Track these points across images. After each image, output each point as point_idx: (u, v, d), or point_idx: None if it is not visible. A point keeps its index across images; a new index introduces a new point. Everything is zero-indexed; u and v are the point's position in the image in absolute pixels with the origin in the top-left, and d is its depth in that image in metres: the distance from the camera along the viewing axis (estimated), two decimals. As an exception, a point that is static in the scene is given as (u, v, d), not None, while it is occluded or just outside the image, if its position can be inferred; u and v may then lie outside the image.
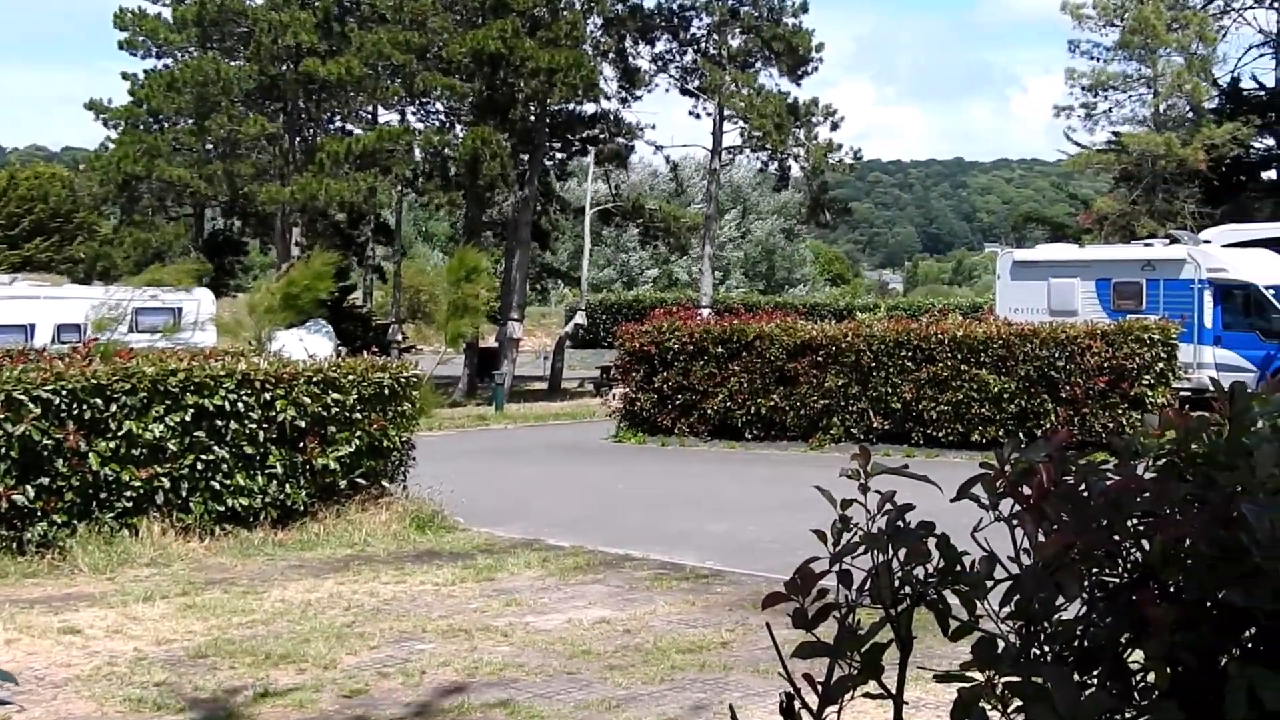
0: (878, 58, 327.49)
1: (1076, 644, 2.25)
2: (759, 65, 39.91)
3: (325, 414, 12.42)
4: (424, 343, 44.24)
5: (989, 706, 2.26)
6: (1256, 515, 1.98)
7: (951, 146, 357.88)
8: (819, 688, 2.43)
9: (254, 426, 11.94)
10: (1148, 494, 2.19)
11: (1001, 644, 2.29)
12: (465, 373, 37.19)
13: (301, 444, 12.29)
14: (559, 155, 41.28)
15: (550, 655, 7.93)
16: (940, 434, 19.68)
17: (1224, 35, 43.57)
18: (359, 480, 12.77)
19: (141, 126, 37.57)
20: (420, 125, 37.97)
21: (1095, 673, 2.21)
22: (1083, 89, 42.64)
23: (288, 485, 12.23)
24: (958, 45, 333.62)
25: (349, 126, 38.65)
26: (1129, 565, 2.22)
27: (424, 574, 10.58)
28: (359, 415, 12.69)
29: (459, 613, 9.16)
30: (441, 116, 38.68)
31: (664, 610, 9.20)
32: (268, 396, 12.05)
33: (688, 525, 13.43)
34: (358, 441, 12.64)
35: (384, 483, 13.12)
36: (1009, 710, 2.25)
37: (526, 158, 36.96)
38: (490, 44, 32.03)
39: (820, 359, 20.70)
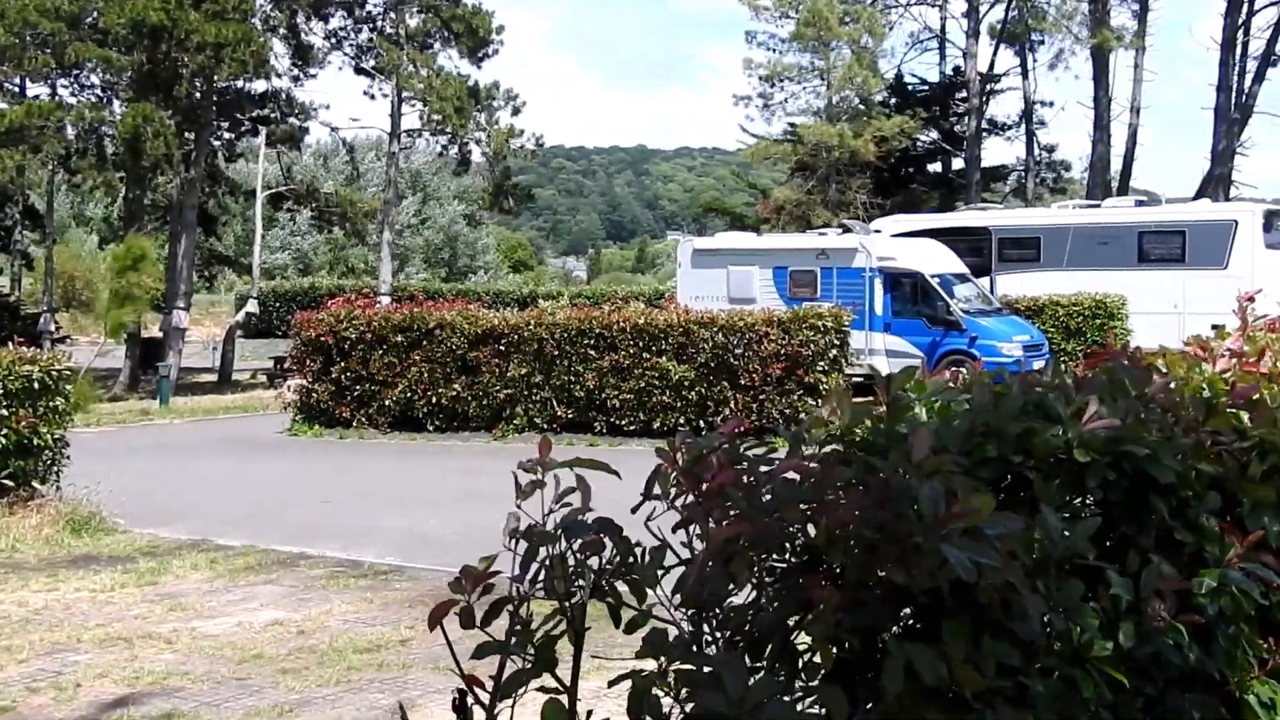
0: (572, 42, 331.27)
1: (747, 629, 2.27)
2: (438, 46, 39.49)
3: (-36, 411, 11.50)
4: (81, 333, 41.55)
5: (663, 694, 2.25)
6: (928, 497, 2.04)
7: (637, 134, 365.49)
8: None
9: (-122, 426, 10.92)
10: (813, 479, 2.23)
11: (674, 632, 2.29)
12: (127, 365, 35.21)
13: (-64, 444, 11.34)
14: (228, 135, 39.58)
15: (218, 661, 7.56)
16: (623, 422, 19.98)
17: (891, 30, 46.40)
18: (5, 481, 12.09)
19: None
20: (74, 100, 35.46)
21: (765, 657, 2.24)
22: (760, 79, 44.34)
23: (-80, 490, 11.25)
24: (651, 33, 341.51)
25: (-8, 100, 35.56)
26: (797, 550, 2.26)
27: (79, 580, 9.94)
28: (5, 412, 12.05)
29: (118, 620, 8.62)
30: (98, 91, 36.31)
31: (340, 609, 8.94)
32: (-106, 393, 11.04)
33: (366, 520, 13.10)
34: (3, 440, 11.97)
35: (34, 483, 12.47)
36: (682, 697, 2.25)
37: (193, 137, 35.24)
38: (151, 14, 30.29)
39: (503, 348, 20.66)
